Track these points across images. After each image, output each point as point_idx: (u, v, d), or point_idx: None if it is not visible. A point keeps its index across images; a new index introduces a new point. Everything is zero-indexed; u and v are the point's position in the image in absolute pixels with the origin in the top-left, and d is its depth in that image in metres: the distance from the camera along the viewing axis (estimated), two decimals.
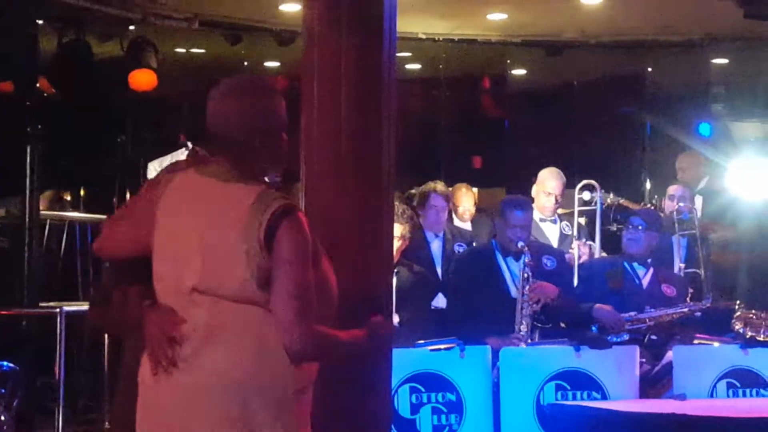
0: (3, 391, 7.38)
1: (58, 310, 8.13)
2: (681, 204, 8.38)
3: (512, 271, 7.11)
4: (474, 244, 8.31)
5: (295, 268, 3.39)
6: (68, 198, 12.47)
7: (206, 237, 3.41)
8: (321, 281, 3.51)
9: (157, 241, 3.52)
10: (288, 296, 3.36)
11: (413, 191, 8.75)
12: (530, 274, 6.94)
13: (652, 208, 8.83)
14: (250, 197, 3.42)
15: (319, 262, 3.52)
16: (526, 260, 6.96)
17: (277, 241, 3.37)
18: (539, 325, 6.96)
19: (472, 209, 9.60)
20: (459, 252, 8.08)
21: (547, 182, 8.27)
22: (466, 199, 9.60)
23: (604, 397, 6.33)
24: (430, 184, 8.32)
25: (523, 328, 6.84)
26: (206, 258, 3.40)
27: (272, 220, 3.37)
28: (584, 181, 8.57)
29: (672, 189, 8.83)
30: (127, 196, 10.27)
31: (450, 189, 8.90)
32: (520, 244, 7.02)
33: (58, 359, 7.93)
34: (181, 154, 6.98)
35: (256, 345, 3.40)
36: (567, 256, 7.88)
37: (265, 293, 3.38)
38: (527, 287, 6.91)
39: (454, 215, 9.26)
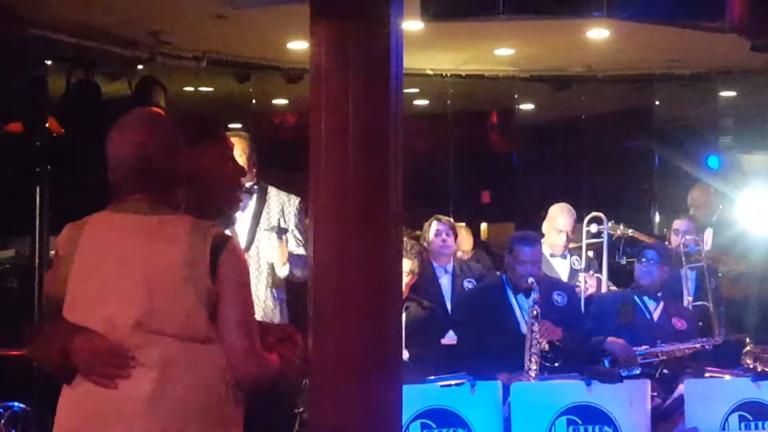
0: (14, 431, 7.37)
1: None
2: (687, 237, 8.36)
3: (522, 308, 7.11)
4: (483, 280, 8.28)
5: (241, 295, 3.42)
6: None
7: (147, 270, 3.36)
8: None
9: (78, 282, 3.43)
10: (237, 323, 3.37)
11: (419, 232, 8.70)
12: (539, 311, 6.93)
13: (663, 241, 8.83)
14: (184, 226, 3.40)
15: None
16: (535, 297, 6.96)
17: (221, 268, 3.36)
18: (547, 364, 6.94)
19: (469, 254, 9.57)
20: (468, 288, 8.06)
21: (558, 219, 8.27)
22: (465, 241, 9.58)
23: None
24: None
25: (533, 365, 6.83)
26: (151, 291, 3.35)
27: (213, 247, 3.36)
28: (592, 214, 8.57)
29: (677, 223, 8.80)
30: None
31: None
32: (530, 279, 7.01)
33: None
34: None
35: (205, 381, 3.37)
36: (576, 289, 7.87)
37: (213, 325, 3.36)
38: (536, 324, 6.90)
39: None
